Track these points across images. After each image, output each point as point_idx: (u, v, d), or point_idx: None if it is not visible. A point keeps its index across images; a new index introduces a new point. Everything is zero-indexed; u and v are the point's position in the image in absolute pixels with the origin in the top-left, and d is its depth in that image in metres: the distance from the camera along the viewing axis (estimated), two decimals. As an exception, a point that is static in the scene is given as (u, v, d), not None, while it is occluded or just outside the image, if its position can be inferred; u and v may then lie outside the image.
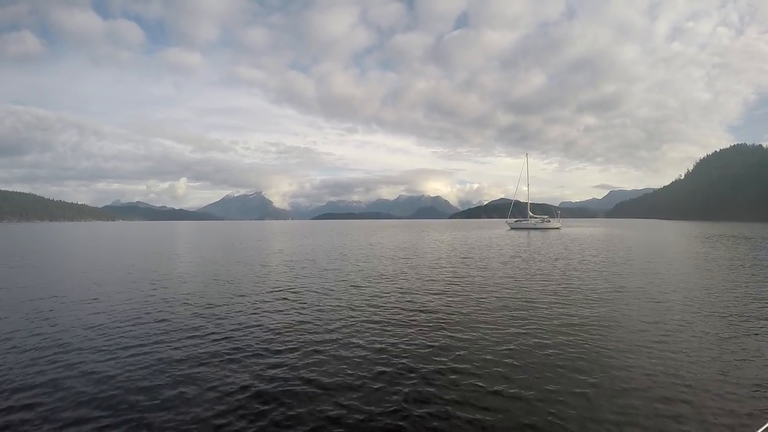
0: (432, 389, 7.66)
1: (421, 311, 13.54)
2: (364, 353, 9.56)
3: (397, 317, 12.79)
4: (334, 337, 10.77)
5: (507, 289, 17.17)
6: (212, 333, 11.21)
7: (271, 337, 10.84)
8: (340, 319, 12.64)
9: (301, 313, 13.34)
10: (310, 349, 9.89)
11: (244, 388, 7.80)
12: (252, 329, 11.54)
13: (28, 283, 19.77)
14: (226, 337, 10.82)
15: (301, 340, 10.58)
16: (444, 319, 12.54)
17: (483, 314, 12.98)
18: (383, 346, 10.08)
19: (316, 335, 10.98)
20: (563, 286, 17.78)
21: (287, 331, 11.30)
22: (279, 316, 13.09)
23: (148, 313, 13.42)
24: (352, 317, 12.82)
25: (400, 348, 9.91)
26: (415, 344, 10.20)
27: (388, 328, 11.58)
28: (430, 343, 10.24)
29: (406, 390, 7.62)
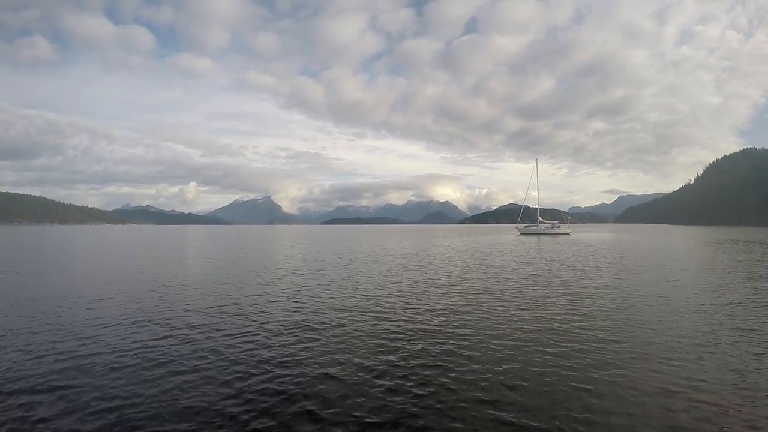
0: (439, 402, 7.34)
1: (433, 320, 13.16)
2: (371, 363, 9.23)
3: (410, 327, 12.42)
4: (342, 345, 10.45)
5: (522, 298, 16.66)
6: (218, 339, 10.93)
7: (279, 346, 10.52)
8: (349, 325, 12.33)
9: (308, 324, 12.99)
10: (315, 356, 9.59)
11: (246, 394, 7.60)
12: (258, 338, 11.25)
13: (40, 284, 19.67)
14: (232, 343, 10.55)
15: (306, 348, 10.27)
16: (457, 329, 12.15)
17: (497, 325, 12.49)
18: (393, 356, 9.74)
19: (322, 342, 10.66)
20: (580, 295, 17.17)
21: (294, 340, 10.99)
22: (287, 324, 12.76)
23: (154, 317, 13.15)
24: (363, 326, 12.47)
25: (407, 359, 9.57)
26: (425, 355, 9.84)
27: (400, 339, 11.22)
28: (440, 354, 9.89)
29: (410, 403, 7.33)
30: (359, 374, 8.60)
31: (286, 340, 10.93)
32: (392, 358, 9.59)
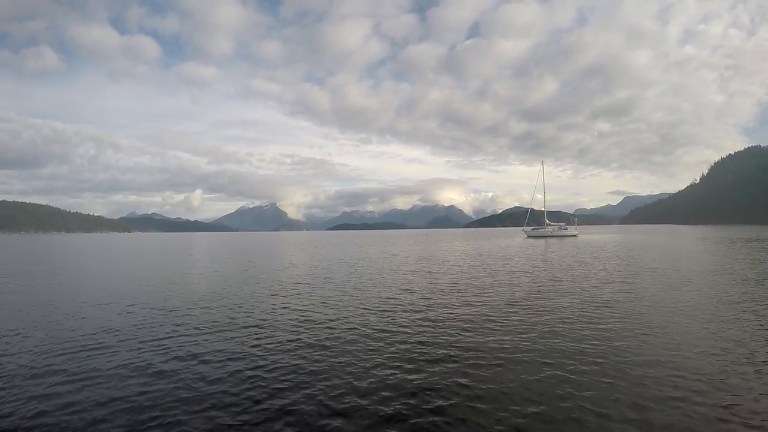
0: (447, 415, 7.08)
1: (446, 329, 12.77)
2: (379, 372, 8.91)
3: (424, 339, 12.01)
4: (351, 350, 10.14)
5: (535, 306, 16.29)
6: (223, 346, 10.64)
7: (288, 357, 10.20)
8: (361, 339, 11.95)
9: (318, 331, 12.64)
10: (324, 365, 9.27)
11: (252, 402, 7.55)
12: (267, 346, 10.93)
13: (49, 291, 19.31)
14: (241, 352, 10.23)
15: (314, 359, 9.94)
16: (473, 340, 11.75)
17: (514, 338, 11.99)
18: (403, 364, 9.40)
19: (331, 349, 10.36)
20: (596, 302, 16.71)
21: (303, 351, 10.66)
22: (295, 338, 12.35)
23: (160, 326, 12.78)
24: (376, 339, 12.09)
25: (420, 372, 9.15)
26: (437, 363, 9.47)
27: (415, 352, 10.82)
28: (451, 363, 9.51)
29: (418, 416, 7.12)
30: (368, 392, 8.23)
31: (294, 355, 10.52)
32: (403, 371, 9.20)
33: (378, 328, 13.07)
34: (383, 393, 8.06)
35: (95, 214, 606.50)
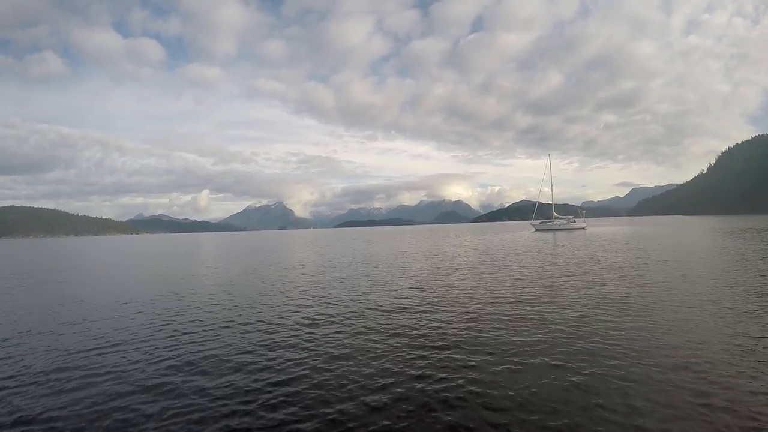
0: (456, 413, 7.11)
1: (456, 325, 12.73)
2: (387, 376, 8.90)
3: (437, 339, 11.99)
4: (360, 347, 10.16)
5: (547, 299, 16.35)
6: (229, 348, 10.66)
7: (296, 358, 10.17)
8: (369, 330, 11.96)
9: (326, 329, 12.61)
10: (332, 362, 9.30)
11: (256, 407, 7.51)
12: (275, 346, 10.94)
13: (59, 294, 19.31)
14: (247, 354, 10.24)
15: (325, 361, 9.92)
16: (489, 339, 11.70)
17: (522, 330, 12.04)
18: (413, 368, 9.37)
19: (339, 347, 10.38)
20: (612, 297, 16.57)
21: (310, 351, 10.64)
22: (308, 332, 12.36)
23: (166, 331, 12.83)
24: (382, 331, 12.07)
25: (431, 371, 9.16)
26: (450, 364, 9.46)
27: (432, 356, 10.82)
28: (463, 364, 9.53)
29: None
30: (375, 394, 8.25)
31: (301, 356, 10.47)
32: (413, 375, 9.18)
33: (388, 326, 13.00)
34: (389, 394, 8.01)
35: (103, 217, 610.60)
